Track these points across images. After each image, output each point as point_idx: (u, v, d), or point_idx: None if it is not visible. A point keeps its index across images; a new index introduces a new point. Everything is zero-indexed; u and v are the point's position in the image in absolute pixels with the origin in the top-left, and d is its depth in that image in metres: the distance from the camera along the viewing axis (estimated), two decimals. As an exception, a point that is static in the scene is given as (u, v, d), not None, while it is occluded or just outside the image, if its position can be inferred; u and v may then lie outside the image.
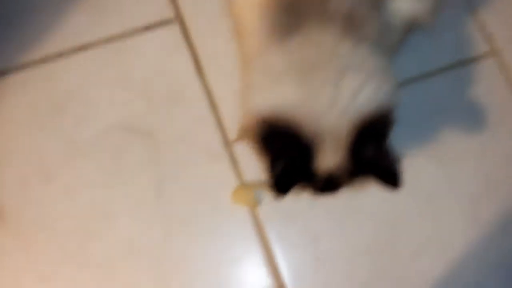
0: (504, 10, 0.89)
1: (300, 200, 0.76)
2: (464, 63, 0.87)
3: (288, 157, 0.57)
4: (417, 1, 0.67)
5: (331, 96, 0.57)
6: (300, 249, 0.79)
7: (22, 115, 0.82)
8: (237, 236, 0.79)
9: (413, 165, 0.80)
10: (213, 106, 0.84)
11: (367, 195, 0.79)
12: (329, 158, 0.59)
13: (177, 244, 0.79)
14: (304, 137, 0.57)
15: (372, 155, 0.58)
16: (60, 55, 0.84)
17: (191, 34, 0.86)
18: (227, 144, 0.82)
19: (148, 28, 0.86)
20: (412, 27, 0.70)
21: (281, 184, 0.58)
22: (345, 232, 0.80)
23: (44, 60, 0.84)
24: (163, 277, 0.77)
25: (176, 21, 0.87)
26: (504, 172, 0.84)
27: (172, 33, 0.86)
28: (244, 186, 0.81)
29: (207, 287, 0.78)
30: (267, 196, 0.79)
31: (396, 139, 0.75)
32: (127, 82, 0.84)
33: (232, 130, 0.82)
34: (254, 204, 0.80)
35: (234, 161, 0.82)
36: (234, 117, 0.82)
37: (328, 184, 0.62)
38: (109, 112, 0.83)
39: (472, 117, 0.86)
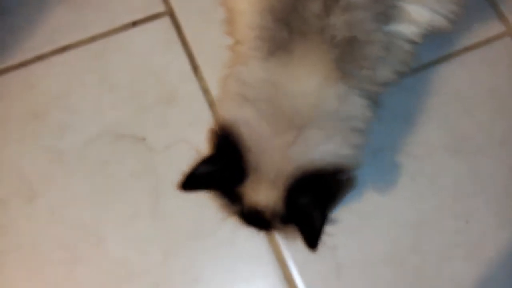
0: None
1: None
2: (479, 45, 0.85)
3: (218, 166, 0.58)
4: (436, 11, 0.62)
5: (287, 140, 0.57)
6: (318, 262, 0.74)
7: (-2, 125, 0.81)
8: (249, 252, 0.74)
9: (434, 160, 0.79)
10: (211, 105, 0.80)
11: (386, 198, 0.77)
12: (261, 192, 0.59)
13: (179, 265, 0.74)
14: (246, 160, 0.58)
15: (305, 205, 0.57)
16: (39, 58, 0.82)
17: (183, 28, 0.84)
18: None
19: (135, 24, 0.85)
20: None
21: (190, 181, 0.59)
22: (364, 240, 0.75)
23: (22, 64, 0.82)
24: (164, 303, 0.73)
25: (166, 14, 0.85)
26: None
27: (162, 28, 0.84)
28: None
29: (216, 312, 0.73)
30: (365, 194, 0.77)
31: (415, 129, 0.79)
32: (113, 84, 0.81)
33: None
34: None
35: (238, 165, 0.76)
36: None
37: (255, 218, 0.62)
38: (96, 118, 0.79)
39: (492, 102, 0.82)
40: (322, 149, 0.57)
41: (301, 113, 0.57)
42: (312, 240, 0.57)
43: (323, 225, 0.56)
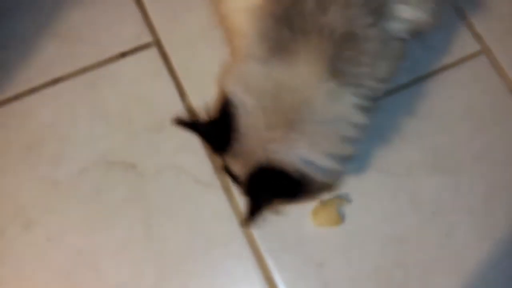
0: (491, 10, 0.90)
1: (300, 228, 0.76)
2: (454, 64, 0.86)
3: (211, 129, 0.63)
4: (419, 9, 0.64)
5: (274, 136, 0.58)
6: (305, 280, 0.75)
7: (-7, 157, 0.80)
8: (238, 272, 0.75)
9: (414, 177, 0.80)
10: (200, 130, 0.80)
11: (368, 215, 0.78)
12: (235, 165, 0.64)
13: (171, 287, 0.74)
14: (233, 137, 0.61)
15: (258, 189, 0.61)
16: (32, 91, 0.83)
17: (171, 57, 0.85)
18: (218, 170, 0.79)
19: (124, 54, 0.85)
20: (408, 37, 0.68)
21: (187, 124, 0.64)
22: (350, 255, 0.76)
23: (15, 97, 0.82)
24: (159, 326, 0.73)
25: (154, 45, 0.86)
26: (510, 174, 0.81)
27: (150, 57, 0.85)
28: (324, 205, 0.77)
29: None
30: (349, 212, 0.78)
31: (395, 148, 0.80)
32: (104, 113, 0.82)
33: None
34: (338, 222, 0.77)
35: (226, 188, 0.79)
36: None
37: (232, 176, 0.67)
38: (88, 148, 0.80)
39: (469, 119, 0.84)
40: (298, 155, 0.59)
41: (294, 109, 0.58)
42: (247, 213, 0.61)
43: (256, 208, 0.61)
